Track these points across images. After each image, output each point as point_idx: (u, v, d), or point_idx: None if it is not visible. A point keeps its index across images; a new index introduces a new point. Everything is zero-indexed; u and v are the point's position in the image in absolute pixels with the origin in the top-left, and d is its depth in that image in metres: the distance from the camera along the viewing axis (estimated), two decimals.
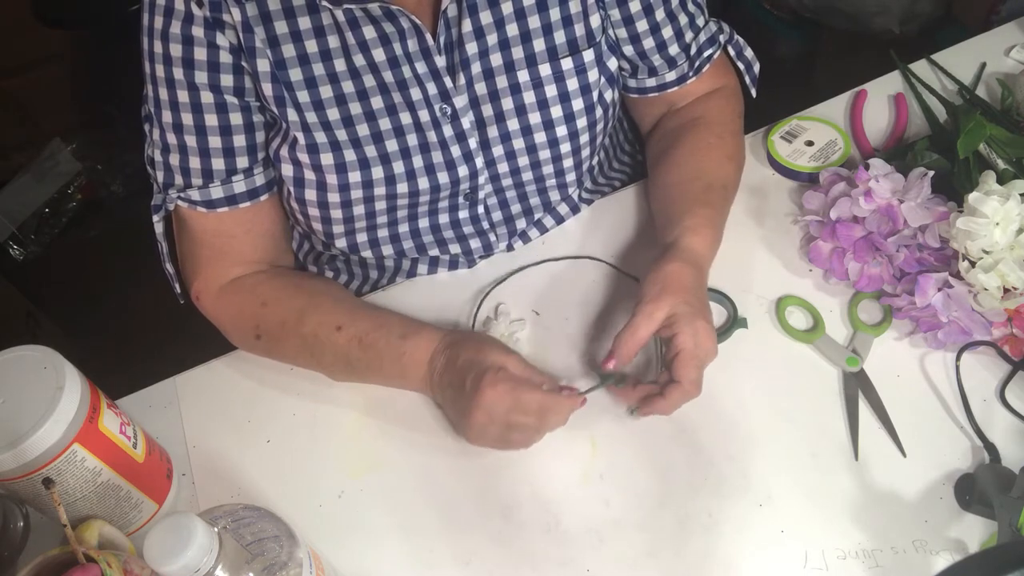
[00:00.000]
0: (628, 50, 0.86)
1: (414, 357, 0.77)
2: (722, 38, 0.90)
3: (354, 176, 0.80)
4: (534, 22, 0.79)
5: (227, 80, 0.76)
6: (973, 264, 0.75)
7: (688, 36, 0.87)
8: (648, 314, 0.73)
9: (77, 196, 2.02)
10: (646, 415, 0.75)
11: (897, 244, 0.80)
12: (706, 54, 0.88)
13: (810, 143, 0.95)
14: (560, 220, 0.94)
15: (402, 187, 0.82)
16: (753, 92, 0.94)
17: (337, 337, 0.79)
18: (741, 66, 0.92)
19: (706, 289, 0.79)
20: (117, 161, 2.03)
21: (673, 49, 0.87)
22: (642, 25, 0.84)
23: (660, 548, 0.71)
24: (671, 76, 0.89)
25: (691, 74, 0.89)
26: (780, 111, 0.98)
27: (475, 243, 0.91)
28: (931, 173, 0.81)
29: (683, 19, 0.86)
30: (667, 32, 0.85)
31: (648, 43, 0.86)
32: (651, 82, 0.89)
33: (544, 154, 0.85)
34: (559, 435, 0.77)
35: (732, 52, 0.92)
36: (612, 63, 0.85)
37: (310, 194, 0.82)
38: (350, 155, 0.79)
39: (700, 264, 0.79)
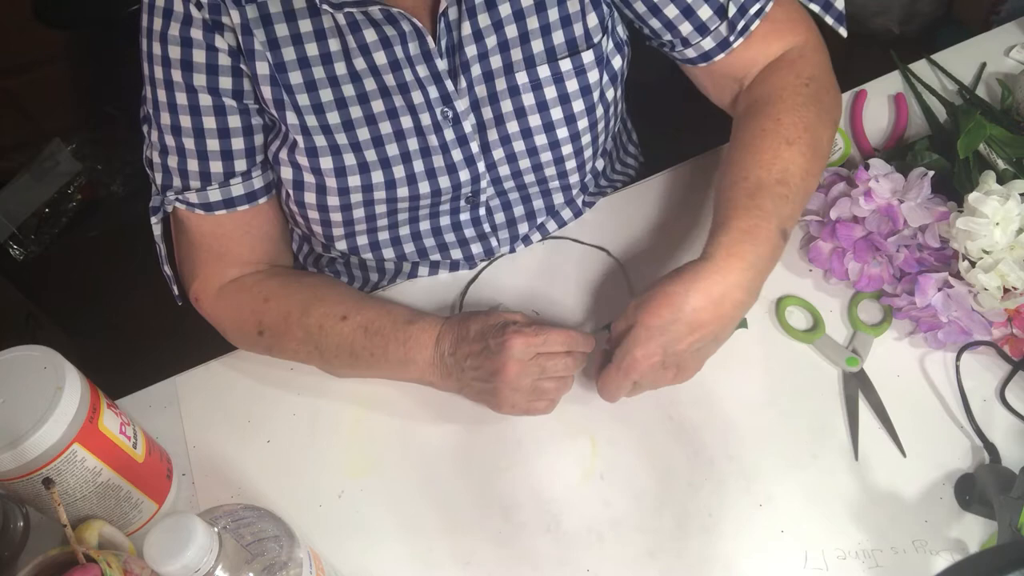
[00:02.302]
0: (654, 23, 0.81)
1: (419, 340, 0.77)
2: None
3: (354, 180, 0.80)
4: (532, 23, 0.78)
5: (226, 83, 0.76)
6: (973, 264, 0.75)
7: None
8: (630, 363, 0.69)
9: (77, 196, 2.02)
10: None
11: (897, 244, 0.80)
12: (752, 10, 0.79)
13: None
14: (562, 223, 0.93)
15: (403, 191, 0.82)
16: (843, 31, 0.82)
17: (342, 327, 0.79)
18: (816, 8, 0.82)
19: (732, 320, 0.69)
20: (117, 161, 2.03)
21: (704, 12, 0.79)
22: None
23: (660, 548, 0.71)
24: (708, 43, 0.81)
25: (733, 38, 0.80)
26: None
27: (476, 248, 0.90)
28: (931, 173, 0.81)
29: None
30: None
31: (671, 11, 0.79)
32: (690, 52, 0.82)
33: (546, 156, 0.85)
34: (559, 435, 0.77)
35: None
36: (616, 62, 0.84)
37: (309, 197, 0.82)
38: (350, 159, 0.79)
39: (728, 294, 0.68)
